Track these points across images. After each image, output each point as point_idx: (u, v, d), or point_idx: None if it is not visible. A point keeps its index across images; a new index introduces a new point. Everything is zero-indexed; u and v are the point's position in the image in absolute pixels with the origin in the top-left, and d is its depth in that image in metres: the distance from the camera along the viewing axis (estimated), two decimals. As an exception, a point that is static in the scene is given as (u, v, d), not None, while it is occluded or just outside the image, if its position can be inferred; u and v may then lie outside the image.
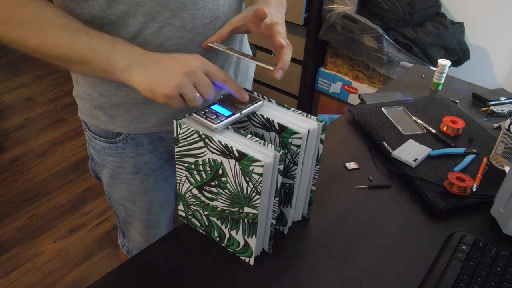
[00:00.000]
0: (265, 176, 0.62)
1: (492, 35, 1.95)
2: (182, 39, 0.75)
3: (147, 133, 0.88)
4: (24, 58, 3.11)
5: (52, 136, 2.41)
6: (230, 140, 0.64)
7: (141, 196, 0.96)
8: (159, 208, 1.01)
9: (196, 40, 0.77)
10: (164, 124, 0.87)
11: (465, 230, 0.79)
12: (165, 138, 0.91)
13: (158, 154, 0.92)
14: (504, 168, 0.92)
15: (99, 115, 0.86)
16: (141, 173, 0.93)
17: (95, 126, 0.89)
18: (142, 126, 0.86)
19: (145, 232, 1.04)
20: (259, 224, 0.68)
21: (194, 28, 0.76)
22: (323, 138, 0.71)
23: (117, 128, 0.87)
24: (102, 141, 0.90)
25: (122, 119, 0.85)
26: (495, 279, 0.69)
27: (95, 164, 0.97)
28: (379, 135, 1.01)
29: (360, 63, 2.10)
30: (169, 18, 0.72)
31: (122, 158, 0.91)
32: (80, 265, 1.72)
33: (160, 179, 0.96)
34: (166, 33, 0.74)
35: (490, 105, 1.17)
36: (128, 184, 0.94)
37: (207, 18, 0.76)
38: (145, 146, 0.90)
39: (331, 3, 2.02)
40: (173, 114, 0.85)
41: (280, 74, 0.68)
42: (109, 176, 0.95)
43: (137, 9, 0.70)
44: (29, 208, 1.96)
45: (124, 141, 0.89)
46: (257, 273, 0.72)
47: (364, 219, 0.82)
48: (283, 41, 0.68)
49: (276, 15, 0.75)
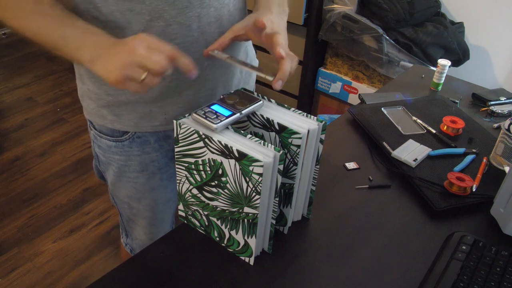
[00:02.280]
0: (265, 176, 0.62)
1: (492, 35, 1.95)
2: (187, 37, 0.75)
3: (154, 132, 0.89)
4: (24, 58, 3.11)
5: (52, 136, 2.41)
6: (230, 140, 0.64)
7: (146, 194, 0.97)
8: (164, 206, 1.01)
9: (201, 38, 0.77)
10: (171, 122, 0.87)
11: (465, 230, 0.79)
12: (171, 136, 0.91)
13: (164, 152, 0.93)
14: (504, 168, 0.92)
15: (106, 114, 0.86)
16: (147, 171, 0.93)
17: (102, 125, 0.89)
18: (149, 124, 0.86)
19: (149, 230, 1.04)
20: (259, 224, 0.68)
21: (200, 26, 0.76)
22: (323, 138, 0.71)
23: (124, 127, 0.87)
24: (108, 140, 0.90)
25: (129, 117, 0.85)
26: (495, 279, 0.69)
27: (100, 163, 0.97)
28: (379, 135, 1.01)
29: (360, 63, 2.10)
30: (175, 17, 0.73)
31: (128, 157, 0.91)
32: (80, 265, 1.72)
33: (165, 178, 0.96)
34: (172, 32, 0.74)
35: (490, 105, 1.17)
36: (134, 183, 0.95)
37: (212, 17, 0.77)
38: (152, 144, 0.90)
39: (331, 3, 2.02)
40: (180, 112, 0.85)
41: (279, 84, 0.69)
42: (114, 175, 0.95)
43: (142, 7, 0.70)
44: (29, 208, 1.95)
45: (130, 139, 0.89)
46: (257, 273, 0.71)
47: (364, 219, 0.82)
48: (283, 52, 0.69)
49: (277, 22, 0.75)
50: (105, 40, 0.66)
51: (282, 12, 0.79)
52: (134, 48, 0.62)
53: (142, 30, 0.72)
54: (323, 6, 2.05)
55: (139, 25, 0.72)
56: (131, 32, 0.72)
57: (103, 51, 0.65)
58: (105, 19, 0.71)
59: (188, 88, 0.83)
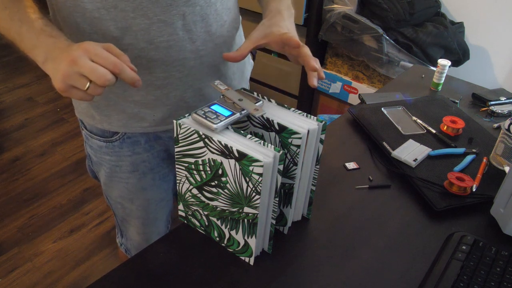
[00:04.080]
0: (265, 176, 0.62)
1: (492, 35, 1.95)
2: (172, 35, 0.76)
3: (144, 132, 0.89)
4: (24, 58, 3.09)
5: (52, 136, 2.41)
6: (230, 140, 0.64)
7: (138, 194, 0.97)
8: (157, 206, 1.01)
9: (186, 37, 0.77)
10: (160, 123, 0.87)
11: (465, 230, 0.79)
12: (162, 137, 0.91)
13: (155, 153, 0.93)
14: (504, 168, 0.92)
15: (95, 115, 0.87)
16: (138, 171, 0.93)
17: (92, 125, 0.89)
18: (138, 125, 0.86)
19: (142, 230, 1.04)
20: (259, 224, 0.68)
21: (185, 25, 0.76)
22: (323, 138, 0.71)
23: (113, 127, 0.87)
24: (99, 140, 0.90)
25: (118, 118, 0.85)
26: (495, 279, 0.69)
27: (93, 163, 0.97)
28: (379, 135, 1.01)
29: (360, 63, 2.10)
30: (158, 15, 0.73)
31: (119, 157, 0.91)
32: (80, 265, 1.72)
33: (157, 178, 0.96)
34: (156, 30, 0.74)
35: (490, 105, 1.17)
36: (125, 183, 0.95)
37: (198, 16, 0.77)
38: (142, 145, 0.90)
39: (331, 3, 2.02)
40: (169, 113, 0.85)
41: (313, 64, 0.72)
42: (106, 175, 0.95)
43: (126, 4, 0.71)
44: (29, 208, 1.95)
45: (121, 140, 0.89)
46: (257, 273, 0.71)
47: (364, 219, 0.82)
48: (317, 65, 0.72)
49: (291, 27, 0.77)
50: (58, 43, 0.65)
51: (291, 15, 0.81)
52: (76, 60, 0.60)
53: (127, 26, 0.72)
54: (323, 6, 2.05)
55: (123, 22, 0.72)
56: (115, 30, 0.73)
57: (54, 54, 0.63)
58: (90, 15, 0.72)
59: (175, 89, 0.83)
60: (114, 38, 0.74)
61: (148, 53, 0.76)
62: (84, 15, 0.72)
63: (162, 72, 0.79)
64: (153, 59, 0.77)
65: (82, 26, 0.74)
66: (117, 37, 0.74)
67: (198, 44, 0.79)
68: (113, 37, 0.74)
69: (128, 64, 0.63)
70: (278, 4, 0.80)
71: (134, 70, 0.63)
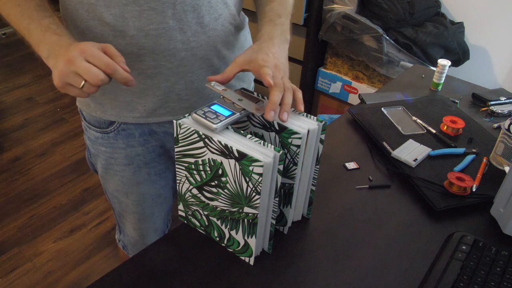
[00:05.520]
0: (265, 176, 0.62)
1: (492, 35, 1.95)
2: (162, 24, 0.76)
3: (138, 124, 0.90)
4: (24, 58, 3.11)
5: (52, 136, 2.41)
6: (230, 140, 0.65)
7: (133, 188, 0.98)
8: (153, 202, 1.02)
9: (177, 27, 0.78)
10: (151, 115, 0.88)
11: (465, 230, 0.79)
12: (157, 131, 0.93)
13: (150, 148, 0.94)
14: (504, 168, 0.92)
15: (89, 102, 0.89)
16: (133, 165, 0.94)
17: (88, 114, 0.92)
18: (130, 115, 0.88)
19: (138, 226, 1.05)
20: (259, 224, 0.68)
21: (175, 14, 0.76)
22: (323, 138, 0.71)
23: (106, 115, 0.89)
24: (95, 131, 0.93)
25: (111, 106, 0.87)
26: (495, 279, 0.69)
27: (91, 154, 1.00)
28: (379, 135, 1.01)
29: (360, 63, 2.10)
30: (148, 2, 0.74)
31: (114, 149, 0.93)
32: (80, 265, 1.72)
33: (152, 173, 0.97)
34: (147, 17, 0.75)
35: (490, 105, 1.17)
36: (120, 176, 0.96)
37: (188, 5, 0.77)
38: (137, 138, 0.92)
39: (331, 3, 2.02)
40: (159, 104, 0.87)
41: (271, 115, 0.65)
42: (102, 167, 0.97)
43: None
44: (29, 208, 1.95)
45: (115, 131, 0.91)
46: (257, 273, 0.72)
47: (364, 219, 0.82)
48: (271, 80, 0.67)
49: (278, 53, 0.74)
50: (61, 41, 0.69)
51: (284, 42, 0.78)
52: (72, 60, 0.64)
53: (119, 13, 0.74)
54: (323, 6, 2.05)
55: (116, 9, 0.74)
56: (109, 16, 0.75)
57: (56, 51, 0.67)
58: (87, 1, 0.74)
59: (165, 79, 0.83)
60: (108, 24, 0.76)
61: (138, 41, 0.77)
62: (82, 2, 0.75)
63: (152, 60, 0.80)
64: (143, 47, 0.78)
65: (80, 13, 0.77)
66: (111, 23, 0.76)
67: (189, 35, 0.79)
68: (107, 23, 0.76)
69: (122, 65, 0.66)
70: (272, 28, 0.78)
71: (127, 71, 0.67)
